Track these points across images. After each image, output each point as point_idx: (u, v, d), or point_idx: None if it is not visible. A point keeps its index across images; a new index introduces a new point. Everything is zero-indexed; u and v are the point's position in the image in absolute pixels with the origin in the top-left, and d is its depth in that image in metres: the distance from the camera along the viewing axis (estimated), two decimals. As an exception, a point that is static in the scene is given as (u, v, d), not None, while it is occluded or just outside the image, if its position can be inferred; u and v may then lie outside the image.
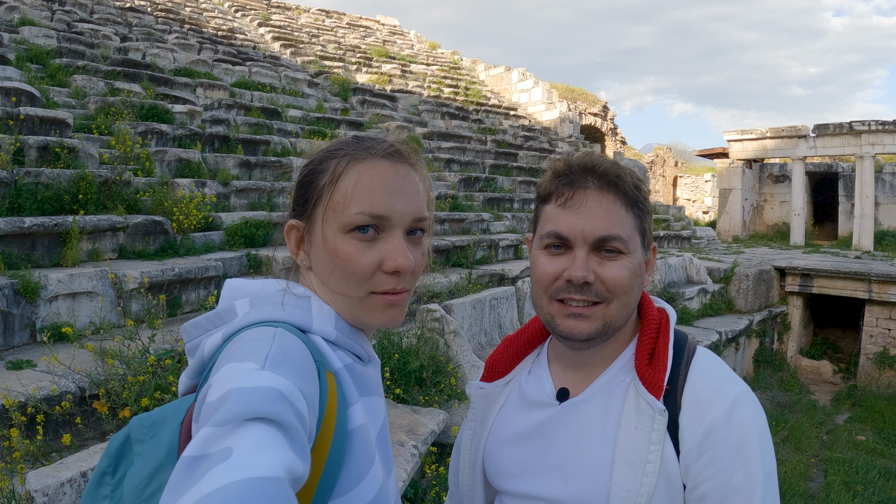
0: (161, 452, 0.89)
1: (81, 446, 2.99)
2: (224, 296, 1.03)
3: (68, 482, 2.34)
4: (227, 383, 0.78)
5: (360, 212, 0.98)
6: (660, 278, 10.47)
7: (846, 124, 18.06)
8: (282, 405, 0.76)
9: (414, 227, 1.04)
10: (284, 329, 0.91)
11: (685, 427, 1.09)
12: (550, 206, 1.18)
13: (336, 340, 1.00)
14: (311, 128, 12.15)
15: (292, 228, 1.07)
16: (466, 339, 5.62)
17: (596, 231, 1.13)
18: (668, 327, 1.20)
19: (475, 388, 1.37)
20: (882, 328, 11.68)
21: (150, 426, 0.93)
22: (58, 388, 3.50)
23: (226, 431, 0.71)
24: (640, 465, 1.07)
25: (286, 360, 0.84)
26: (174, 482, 0.68)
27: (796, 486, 6.89)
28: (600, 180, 1.16)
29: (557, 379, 1.26)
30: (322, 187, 1.02)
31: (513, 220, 12.30)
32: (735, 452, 1.04)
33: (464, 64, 25.60)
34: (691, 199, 29.87)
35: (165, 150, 8.45)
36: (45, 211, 5.99)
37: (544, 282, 1.17)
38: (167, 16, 16.78)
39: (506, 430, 1.28)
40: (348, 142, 1.08)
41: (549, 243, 1.17)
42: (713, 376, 1.13)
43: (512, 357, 1.36)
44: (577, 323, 1.14)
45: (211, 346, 0.96)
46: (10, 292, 4.73)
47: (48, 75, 9.86)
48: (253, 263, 7.10)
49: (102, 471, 0.94)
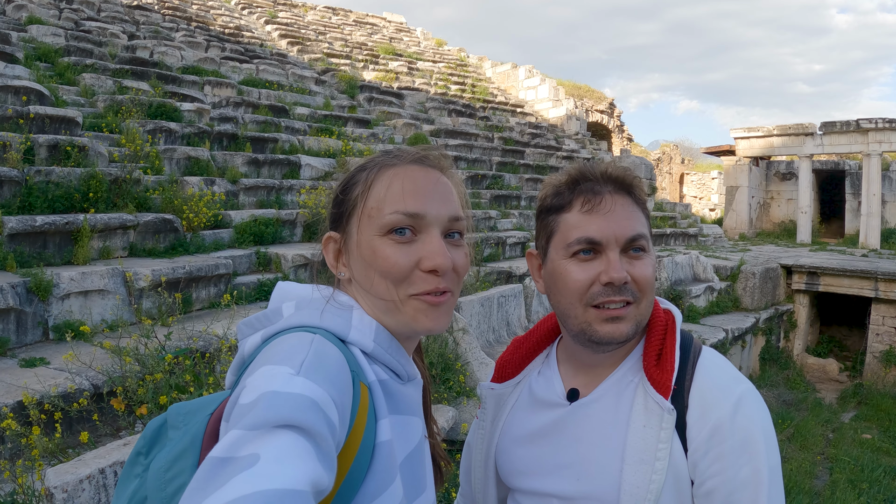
0: (186, 440, 0.92)
1: (97, 443, 3.04)
2: (274, 297, 1.05)
3: (87, 478, 2.38)
4: (260, 386, 0.78)
5: (394, 211, 0.99)
6: (666, 276, 10.48)
7: (853, 122, 18.01)
8: (313, 414, 0.76)
9: (451, 227, 1.03)
10: (323, 335, 0.92)
11: (692, 425, 1.12)
12: (572, 214, 1.20)
13: (373, 353, 0.99)
14: (319, 125, 12.19)
15: (329, 240, 1.07)
16: (475, 337, 5.65)
17: (627, 232, 1.17)
18: (675, 328, 1.24)
19: (486, 388, 1.41)
20: (889, 326, 11.66)
21: (185, 414, 0.97)
22: (74, 385, 3.54)
23: (255, 436, 0.71)
24: (650, 463, 1.11)
25: (322, 367, 0.84)
26: (198, 481, 0.68)
27: (802, 484, 6.90)
28: (616, 185, 1.21)
29: (567, 380, 1.30)
30: (356, 197, 1.03)
31: (520, 217, 12.32)
32: (741, 449, 1.08)
33: (470, 61, 25.60)
34: (698, 196, 29.82)
35: (174, 149, 8.50)
36: (55, 209, 6.04)
37: (579, 290, 1.17)
38: (174, 14, 16.83)
39: (517, 430, 1.32)
40: (378, 155, 1.09)
41: (578, 250, 1.18)
42: (719, 376, 1.17)
43: (522, 358, 1.40)
44: (615, 326, 1.16)
45: (251, 346, 0.97)
46: (22, 290, 4.78)
47: (57, 74, 9.92)
48: (262, 261, 7.15)
49: (138, 451, 0.98)
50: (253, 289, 6.42)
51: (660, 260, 10.43)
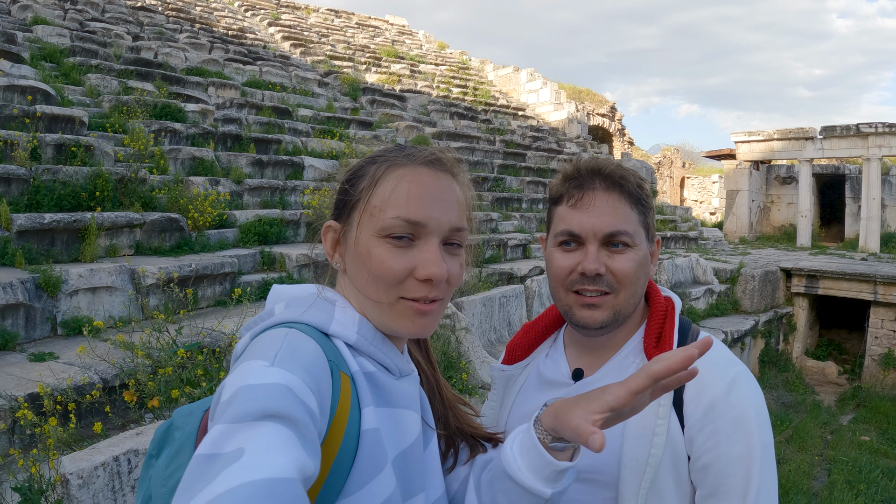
0: (183, 437, 0.98)
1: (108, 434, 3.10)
2: (269, 300, 1.07)
3: (101, 465, 2.44)
4: (236, 382, 0.80)
5: (396, 216, 0.98)
6: (667, 278, 10.53)
7: (853, 126, 18.07)
8: (290, 400, 0.78)
9: (451, 237, 1.02)
10: (298, 329, 0.93)
11: (689, 403, 1.19)
12: (562, 207, 1.31)
13: (356, 345, 1.00)
14: (322, 127, 12.26)
15: (329, 229, 1.08)
16: (477, 336, 5.72)
17: (605, 227, 1.25)
18: (674, 313, 1.33)
19: (497, 370, 1.49)
20: (887, 329, 11.71)
21: (187, 415, 1.03)
22: (87, 378, 3.61)
23: (237, 430, 0.73)
24: (648, 438, 1.18)
25: (295, 357, 0.86)
26: (187, 480, 0.69)
27: (800, 485, 6.95)
28: (606, 181, 1.28)
29: (573, 361, 1.39)
30: (361, 191, 1.03)
31: (521, 219, 12.38)
32: (734, 426, 1.15)
33: (472, 64, 25.66)
34: (698, 200, 29.88)
35: (179, 149, 8.57)
36: (62, 207, 6.11)
37: (561, 275, 1.29)
38: (178, 15, 16.91)
39: (525, 408, 1.39)
40: (390, 149, 1.08)
41: (562, 241, 1.29)
42: (715, 357, 1.21)
43: (531, 342, 1.48)
44: (591, 313, 1.27)
45: (241, 346, 0.99)
46: (31, 286, 4.85)
47: (62, 74, 9.99)
48: (266, 260, 7.21)
49: (150, 454, 1.04)
50: (257, 287, 6.47)
51: (660, 262, 10.48)
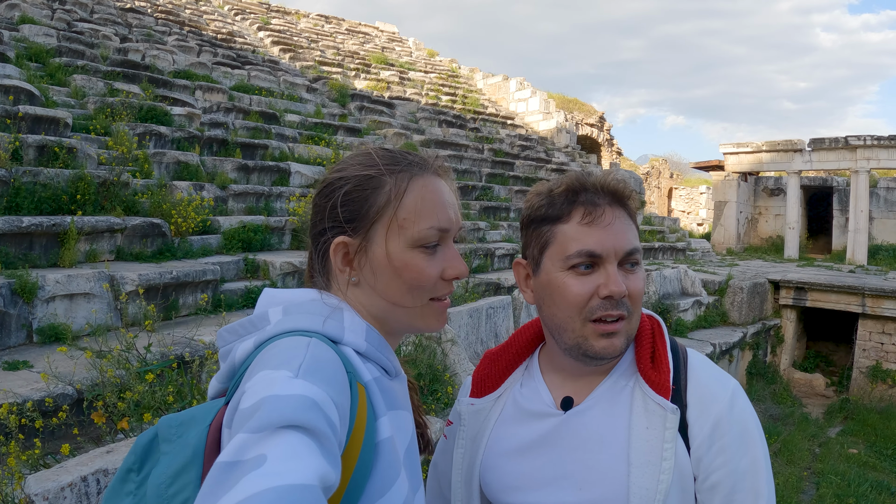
0: (187, 453, 0.89)
1: (78, 450, 2.98)
2: (260, 303, 1.04)
3: (69, 486, 2.32)
4: (261, 391, 0.80)
5: (430, 227, 1.03)
6: (655, 290, 10.49)
7: (842, 139, 18.16)
8: (314, 413, 0.77)
9: (458, 236, 1.11)
10: (318, 339, 0.93)
11: (693, 422, 1.14)
12: (570, 225, 1.18)
13: (366, 353, 1.01)
14: (310, 133, 12.16)
15: (340, 245, 1.05)
16: (463, 348, 5.62)
17: (625, 245, 1.17)
18: (663, 331, 1.26)
19: (466, 405, 1.36)
20: (875, 342, 11.72)
21: (178, 426, 0.94)
22: (54, 393, 3.49)
23: (260, 438, 0.73)
24: (657, 464, 1.11)
25: (319, 369, 0.85)
26: (208, 487, 0.69)
27: (788, 499, 6.90)
28: (613, 197, 1.20)
29: (556, 389, 1.28)
30: (382, 205, 1.03)
31: (509, 229, 12.32)
32: (740, 440, 1.12)
33: (462, 72, 25.66)
34: (686, 210, 29.97)
35: (164, 153, 8.44)
36: (42, 211, 5.98)
37: (579, 303, 1.16)
38: (167, 17, 16.79)
39: (505, 444, 1.28)
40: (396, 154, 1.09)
41: (577, 263, 1.16)
42: (711, 373, 1.21)
43: (501, 371, 1.37)
44: (609, 342, 1.17)
45: (243, 353, 0.97)
46: (7, 292, 4.72)
47: (48, 74, 9.86)
48: (250, 268, 7.09)
49: (128, 467, 0.94)
50: (240, 296, 6.36)
51: (648, 274, 10.44)
